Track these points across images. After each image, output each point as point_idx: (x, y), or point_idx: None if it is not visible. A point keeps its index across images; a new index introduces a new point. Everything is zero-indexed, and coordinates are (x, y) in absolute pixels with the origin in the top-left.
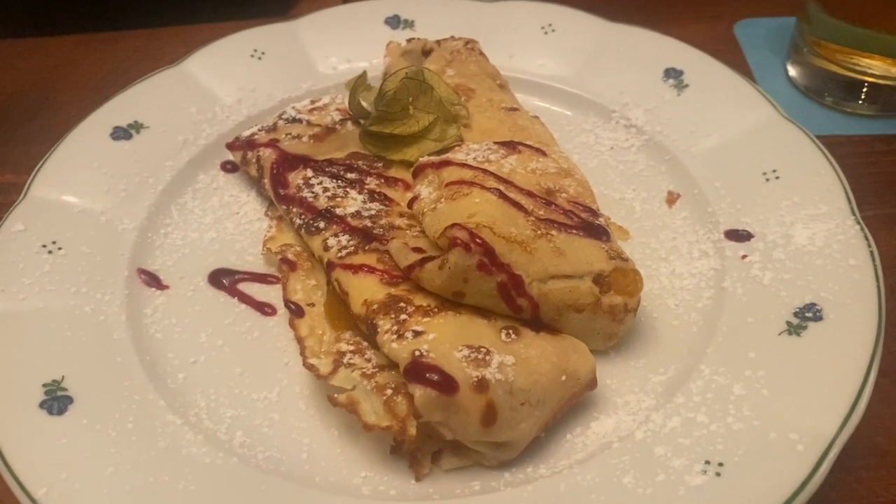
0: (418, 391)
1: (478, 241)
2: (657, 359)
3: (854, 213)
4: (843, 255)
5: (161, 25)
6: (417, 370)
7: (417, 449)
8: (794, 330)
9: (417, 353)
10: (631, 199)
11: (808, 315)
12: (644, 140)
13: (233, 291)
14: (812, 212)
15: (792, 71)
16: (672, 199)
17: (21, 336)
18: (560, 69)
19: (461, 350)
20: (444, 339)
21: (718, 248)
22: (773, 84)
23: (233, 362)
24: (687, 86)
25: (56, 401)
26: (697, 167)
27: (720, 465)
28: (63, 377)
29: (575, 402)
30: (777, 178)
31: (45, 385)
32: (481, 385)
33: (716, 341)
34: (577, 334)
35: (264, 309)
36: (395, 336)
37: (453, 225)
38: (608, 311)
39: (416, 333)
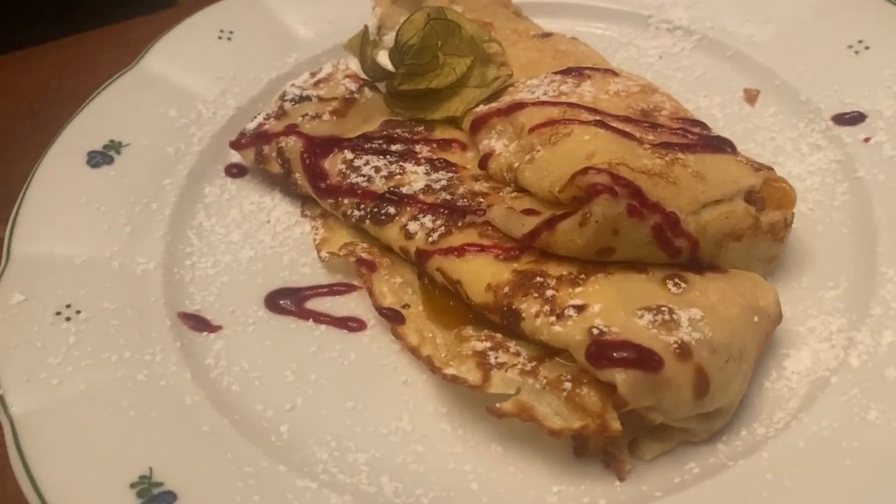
0: (619, 376)
1: (622, 182)
2: (819, 273)
3: None
4: None
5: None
6: (604, 351)
7: (609, 443)
8: None
9: (595, 330)
10: (707, 107)
11: None
12: (695, 41)
13: (303, 313)
14: None
15: None
16: (751, 96)
17: (74, 432)
18: None
19: (641, 315)
20: (614, 305)
21: (831, 136)
22: None
23: (339, 396)
24: None
25: (156, 502)
26: (769, 56)
27: None
28: (150, 469)
29: (767, 344)
30: (867, 48)
31: (133, 485)
32: (684, 351)
33: (882, 237)
34: (737, 266)
35: (349, 324)
36: (553, 317)
37: (585, 170)
38: (769, 231)
39: (579, 308)
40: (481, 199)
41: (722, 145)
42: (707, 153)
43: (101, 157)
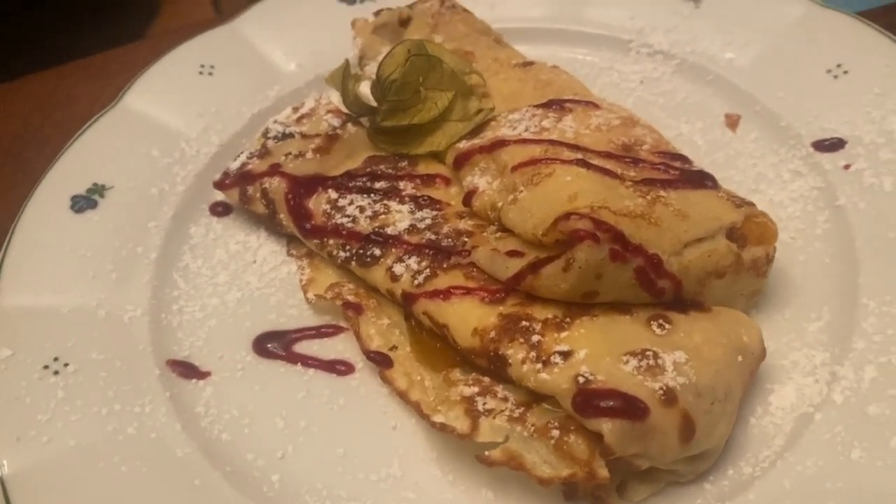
0: (606, 425)
1: (604, 227)
2: (803, 304)
3: None
4: None
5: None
6: (590, 400)
7: (598, 487)
8: None
9: (581, 378)
10: (689, 133)
11: None
12: (675, 65)
13: (291, 357)
14: None
15: None
16: (733, 121)
17: (65, 491)
18: (553, 7)
19: (626, 361)
20: (600, 351)
21: (812, 163)
22: None
23: (329, 443)
24: None
25: None
26: (749, 81)
27: None
28: None
29: (752, 381)
30: (845, 72)
31: None
32: (669, 397)
33: (864, 268)
34: (719, 302)
35: (337, 368)
36: (539, 364)
37: (567, 215)
38: (751, 267)
39: (564, 355)
40: (466, 239)
41: (703, 180)
42: (689, 189)
43: (84, 202)
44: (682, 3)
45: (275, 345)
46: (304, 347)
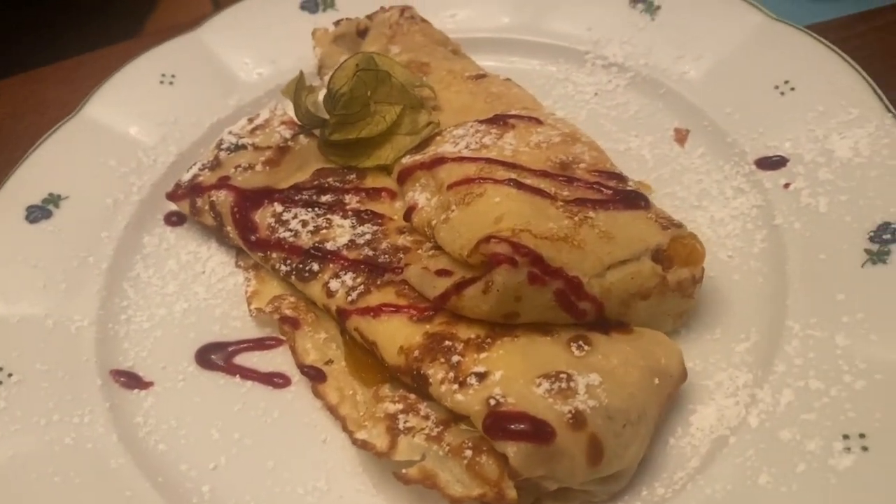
0: (511, 449)
1: (522, 250)
2: (732, 324)
3: (890, 110)
4: None
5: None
6: (500, 423)
7: None
8: (877, 258)
9: (493, 401)
10: (637, 147)
11: (885, 237)
12: (629, 78)
13: (231, 369)
14: (843, 118)
15: None
16: (681, 136)
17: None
18: (512, 18)
19: (539, 383)
20: (515, 373)
21: (754, 181)
22: None
23: (261, 456)
24: (658, 7)
25: None
26: (699, 95)
27: (862, 436)
28: None
29: (671, 403)
30: (792, 89)
31: None
32: (577, 420)
33: (793, 290)
34: (645, 323)
35: (274, 381)
36: (455, 385)
37: (488, 238)
38: (677, 289)
39: (480, 376)
40: (402, 255)
41: (636, 200)
42: (619, 209)
43: (39, 212)
44: (638, 15)
45: (216, 356)
46: (245, 359)
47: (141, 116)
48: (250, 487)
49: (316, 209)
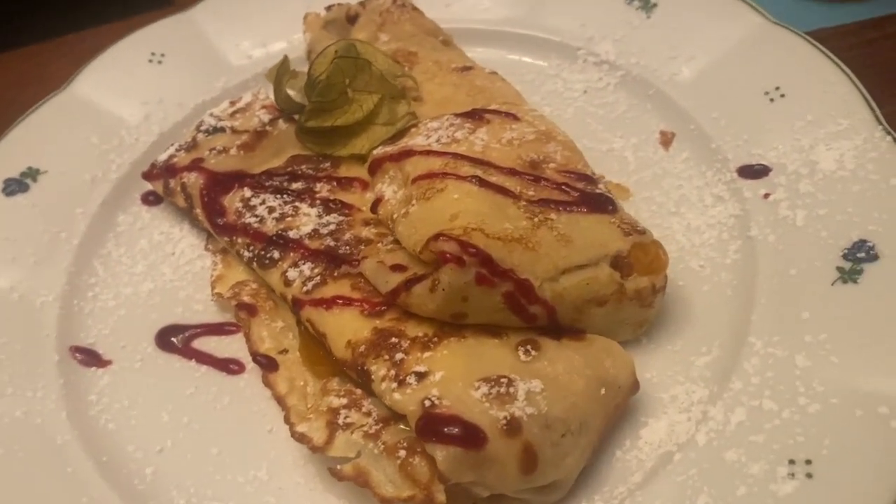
0: (440, 452)
1: (470, 250)
2: (695, 337)
3: (881, 122)
4: (883, 174)
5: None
6: (432, 425)
7: None
8: (848, 276)
9: (427, 402)
10: (621, 149)
11: (860, 255)
12: (620, 76)
13: (188, 352)
14: (832, 129)
15: None
16: (667, 139)
17: None
18: (508, 10)
19: (478, 387)
20: (455, 375)
21: (734, 189)
22: None
23: (206, 441)
24: (655, 5)
25: None
26: (687, 98)
27: (808, 462)
28: None
29: (619, 414)
30: (782, 95)
31: None
32: (512, 427)
33: (759, 305)
34: (602, 330)
35: (229, 367)
36: (395, 383)
37: (437, 236)
38: (635, 298)
39: (420, 375)
40: (363, 247)
41: (602, 204)
42: (583, 213)
43: (16, 185)
44: (634, 12)
45: (175, 339)
46: (203, 343)
47: (126, 94)
48: (192, 473)
49: (285, 196)
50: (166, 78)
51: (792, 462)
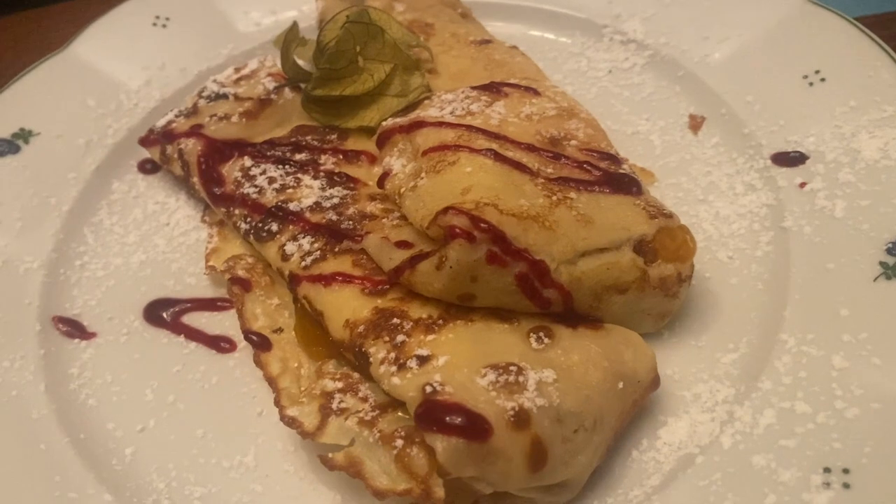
0: (440, 443)
1: (482, 225)
2: (722, 332)
3: None
4: None
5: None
6: (433, 413)
7: None
8: (892, 272)
9: (429, 388)
10: (647, 132)
11: None
12: (648, 56)
13: (177, 327)
14: (876, 116)
15: None
16: (696, 123)
17: None
18: None
19: (484, 374)
20: (460, 361)
21: (767, 177)
22: None
23: (191, 422)
24: None
25: None
26: (720, 80)
27: (845, 471)
28: None
29: (637, 411)
30: (822, 80)
31: None
32: (520, 419)
33: (793, 300)
34: (621, 320)
35: (220, 345)
36: (394, 367)
37: (446, 209)
38: (658, 286)
39: (422, 360)
40: (367, 222)
41: (626, 185)
42: (604, 193)
43: (7, 146)
44: None
45: (164, 313)
46: (193, 319)
47: (128, 58)
48: (174, 455)
49: (287, 167)
50: (170, 42)
51: (827, 470)
